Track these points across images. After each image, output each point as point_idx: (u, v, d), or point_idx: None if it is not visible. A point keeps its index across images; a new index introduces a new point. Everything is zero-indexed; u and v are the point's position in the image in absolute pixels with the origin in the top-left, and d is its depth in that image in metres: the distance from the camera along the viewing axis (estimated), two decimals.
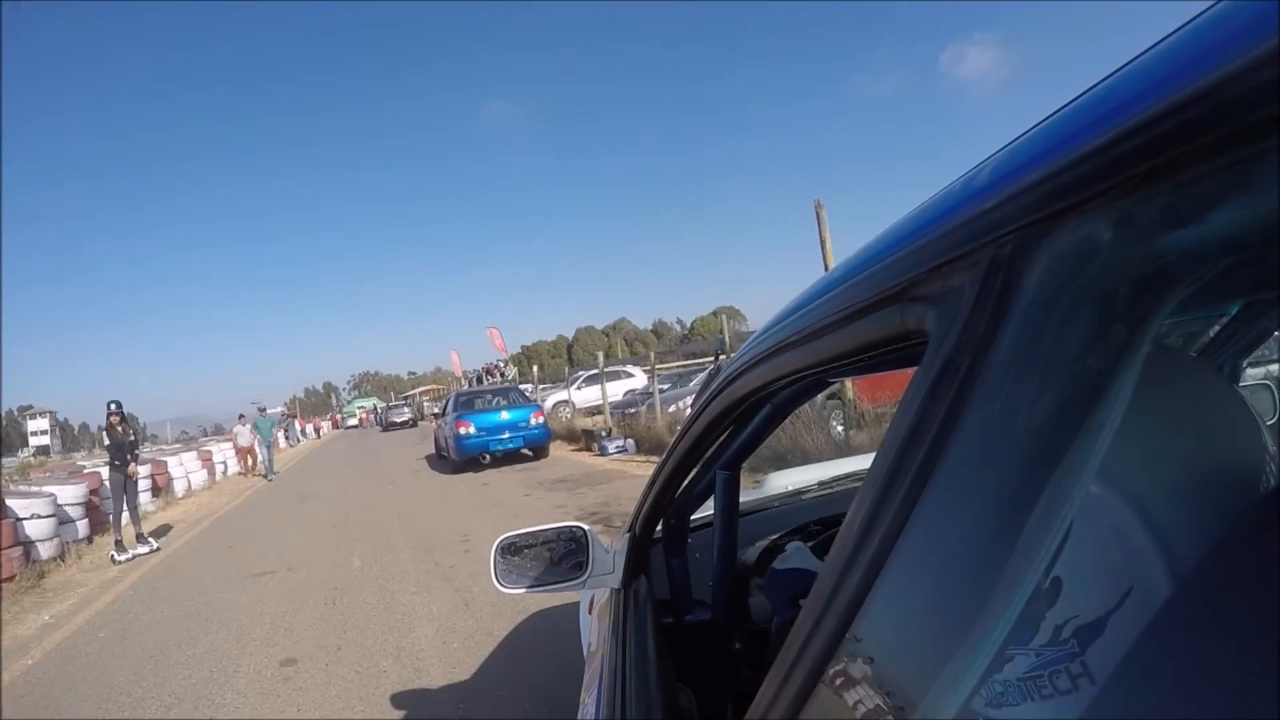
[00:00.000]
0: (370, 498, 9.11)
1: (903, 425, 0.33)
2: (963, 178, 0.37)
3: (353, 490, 10.20)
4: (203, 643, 3.84)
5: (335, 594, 4.45)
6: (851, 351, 0.45)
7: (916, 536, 0.32)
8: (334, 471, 14.51)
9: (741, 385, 0.69)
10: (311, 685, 3.04)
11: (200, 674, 3.35)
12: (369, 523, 6.95)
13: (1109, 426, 0.25)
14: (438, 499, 8.14)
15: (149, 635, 4.14)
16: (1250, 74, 0.19)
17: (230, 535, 7.60)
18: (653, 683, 0.90)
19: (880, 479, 0.34)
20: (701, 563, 1.37)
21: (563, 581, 1.25)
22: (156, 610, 4.71)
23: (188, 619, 4.35)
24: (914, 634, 0.34)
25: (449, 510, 7.18)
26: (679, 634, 1.24)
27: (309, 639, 3.66)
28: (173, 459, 13.10)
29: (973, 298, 0.31)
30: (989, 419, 0.29)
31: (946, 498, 0.31)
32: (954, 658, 0.29)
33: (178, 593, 5.15)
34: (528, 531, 1.33)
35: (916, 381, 0.33)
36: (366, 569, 5.04)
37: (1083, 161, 0.25)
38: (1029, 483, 0.27)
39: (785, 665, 0.40)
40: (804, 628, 0.39)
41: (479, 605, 3.77)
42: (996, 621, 0.28)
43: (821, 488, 1.80)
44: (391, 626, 3.68)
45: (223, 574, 5.53)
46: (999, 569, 0.28)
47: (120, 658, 3.79)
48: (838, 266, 0.49)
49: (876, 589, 0.34)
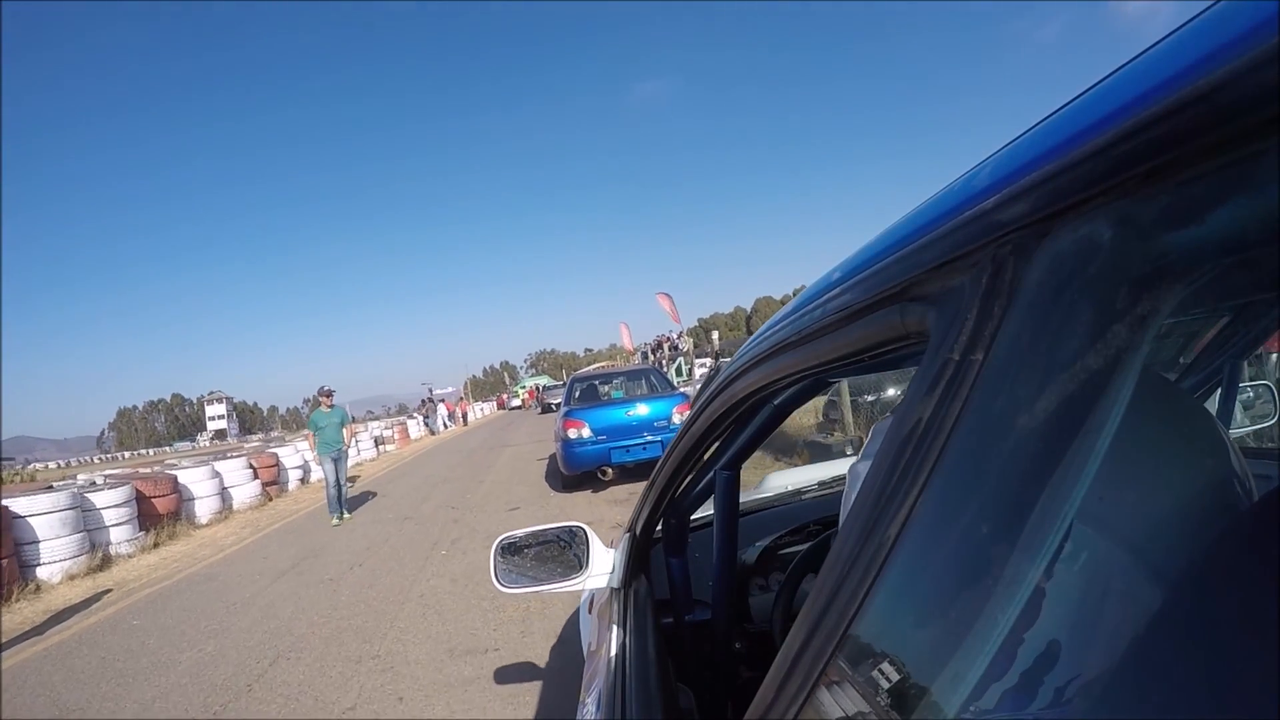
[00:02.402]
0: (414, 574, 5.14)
1: (903, 425, 0.33)
2: (962, 177, 0.37)
3: (407, 553, 5.86)
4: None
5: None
6: (851, 352, 0.44)
7: (916, 536, 0.32)
8: (432, 490, 9.89)
9: (742, 385, 0.69)
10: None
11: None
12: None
13: (1109, 426, 0.25)
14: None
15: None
16: (1250, 74, 0.19)
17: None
18: (653, 683, 0.90)
19: (880, 479, 0.34)
20: (701, 563, 1.36)
21: (563, 581, 1.25)
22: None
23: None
24: (914, 634, 0.33)
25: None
26: (679, 634, 1.24)
27: None
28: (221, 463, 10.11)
29: (973, 298, 0.31)
30: (989, 419, 0.29)
31: (946, 498, 0.31)
32: (954, 658, 0.29)
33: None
34: (528, 531, 1.33)
35: (916, 381, 0.33)
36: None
37: (1083, 161, 0.25)
38: (1029, 482, 0.27)
39: (785, 665, 0.40)
40: (804, 628, 0.39)
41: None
42: (996, 622, 0.28)
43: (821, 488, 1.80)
44: None
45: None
46: (999, 569, 0.28)
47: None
48: (837, 267, 0.49)
49: (876, 589, 0.34)
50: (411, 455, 18.18)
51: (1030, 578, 0.27)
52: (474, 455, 14.88)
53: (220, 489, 9.75)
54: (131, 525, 7.63)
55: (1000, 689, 0.28)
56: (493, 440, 18.89)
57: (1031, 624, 0.27)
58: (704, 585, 1.31)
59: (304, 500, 10.92)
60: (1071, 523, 0.27)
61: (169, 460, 12.42)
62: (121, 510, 7.50)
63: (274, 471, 11.70)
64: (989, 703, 0.28)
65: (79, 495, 7.00)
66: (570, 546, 1.28)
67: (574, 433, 7.21)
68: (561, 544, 1.29)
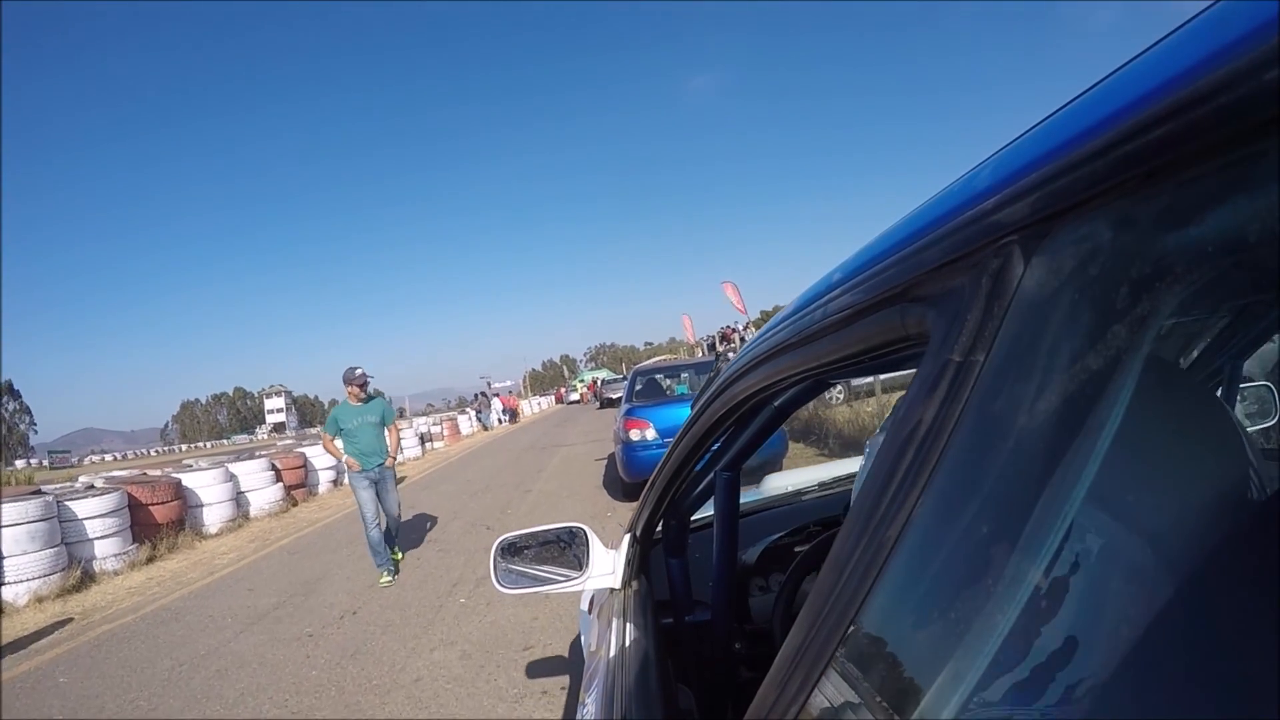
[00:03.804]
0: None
1: (903, 425, 0.33)
2: (962, 178, 0.37)
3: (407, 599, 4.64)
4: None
5: None
6: (852, 353, 0.44)
7: (916, 536, 0.32)
8: (469, 501, 8.36)
9: (742, 387, 0.69)
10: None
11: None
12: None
13: (1109, 427, 0.25)
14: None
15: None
16: (1250, 74, 0.19)
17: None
18: (653, 683, 0.90)
19: (880, 479, 0.34)
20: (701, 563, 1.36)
21: (563, 581, 1.24)
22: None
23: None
24: (914, 634, 0.33)
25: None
26: (679, 634, 1.24)
27: None
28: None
29: (973, 298, 0.31)
30: (989, 420, 0.29)
31: (947, 498, 0.31)
32: (954, 658, 0.29)
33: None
34: (528, 532, 1.33)
35: (916, 382, 0.33)
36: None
37: (1083, 162, 0.25)
38: (1029, 483, 0.27)
39: (785, 665, 0.40)
40: (804, 628, 0.39)
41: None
42: (996, 622, 0.28)
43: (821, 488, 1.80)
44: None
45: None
46: (999, 569, 0.28)
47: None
48: (837, 268, 0.49)
49: (876, 589, 0.34)
50: (459, 455, 16.37)
51: (1030, 578, 0.27)
52: (523, 457, 13.09)
53: (235, 493, 8.61)
54: (122, 537, 6.68)
55: (1000, 689, 0.28)
56: (546, 439, 16.94)
57: (1031, 624, 0.27)
58: (704, 586, 1.31)
59: (330, 507, 9.53)
60: (1072, 523, 0.27)
61: (186, 460, 11.05)
62: (109, 520, 6.55)
63: (300, 473, 10.25)
64: (989, 703, 0.28)
65: (54, 504, 6.08)
66: (570, 547, 1.28)
67: (637, 434, 6.30)
68: (562, 544, 1.29)
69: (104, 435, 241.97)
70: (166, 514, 7.46)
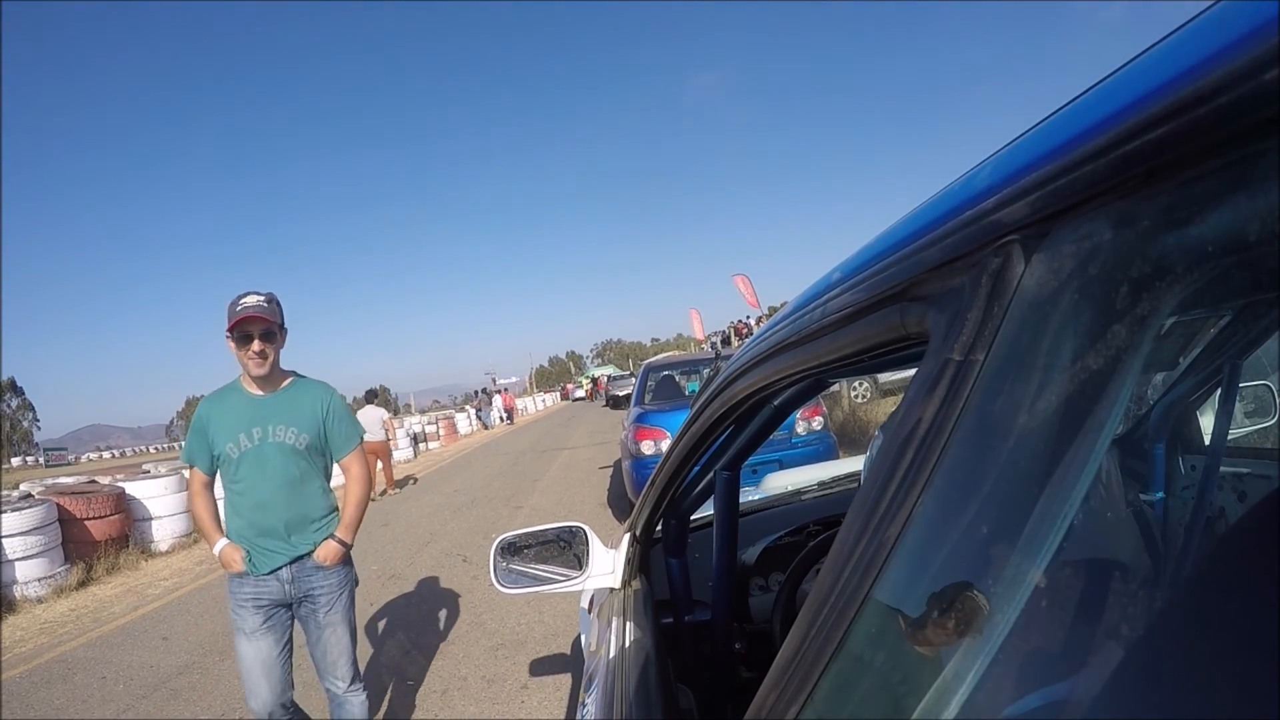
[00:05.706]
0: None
1: (903, 425, 0.33)
2: (962, 178, 0.37)
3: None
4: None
5: None
6: (852, 352, 0.45)
7: (916, 536, 0.32)
8: (451, 517, 7.10)
9: (742, 386, 0.69)
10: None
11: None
12: None
13: (1109, 426, 0.25)
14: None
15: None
16: (1250, 74, 0.19)
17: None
18: (653, 683, 0.90)
19: (880, 479, 0.34)
20: (701, 563, 1.36)
21: (563, 581, 1.24)
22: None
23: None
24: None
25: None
26: (679, 634, 1.24)
27: None
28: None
29: (973, 298, 0.31)
30: (989, 419, 0.29)
31: (947, 498, 0.31)
32: (953, 658, 0.29)
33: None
34: (528, 531, 1.33)
35: (917, 382, 0.33)
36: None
37: (1083, 162, 0.25)
38: (1029, 483, 0.27)
39: (785, 665, 0.40)
40: (804, 627, 0.39)
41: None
42: (996, 622, 0.28)
43: (821, 488, 1.80)
44: None
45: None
46: (999, 569, 0.28)
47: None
48: (837, 267, 0.49)
49: (876, 589, 0.34)
50: (451, 457, 14.83)
51: (1030, 578, 0.27)
52: (520, 461, 11.84)
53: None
54: (49, 558, 5.70)
55: (1000, 689, 0.28)
56: (547, 439, 15.61)
57: (1031, 624, 0.27)
58: (704, 585, 1.31)
59: None
60: (1072, 523, 0.27)
61: (145, 465, 9.28)
62: (32, 539, 5.55)
63: None
64: (989, 702, 0.28)
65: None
66: (570, 546, 1.28)
67: (649, 446, 4.99)
68: (562, 544, 1.29)
69: (111, 431, 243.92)
70: (105, 529, 6.41)
